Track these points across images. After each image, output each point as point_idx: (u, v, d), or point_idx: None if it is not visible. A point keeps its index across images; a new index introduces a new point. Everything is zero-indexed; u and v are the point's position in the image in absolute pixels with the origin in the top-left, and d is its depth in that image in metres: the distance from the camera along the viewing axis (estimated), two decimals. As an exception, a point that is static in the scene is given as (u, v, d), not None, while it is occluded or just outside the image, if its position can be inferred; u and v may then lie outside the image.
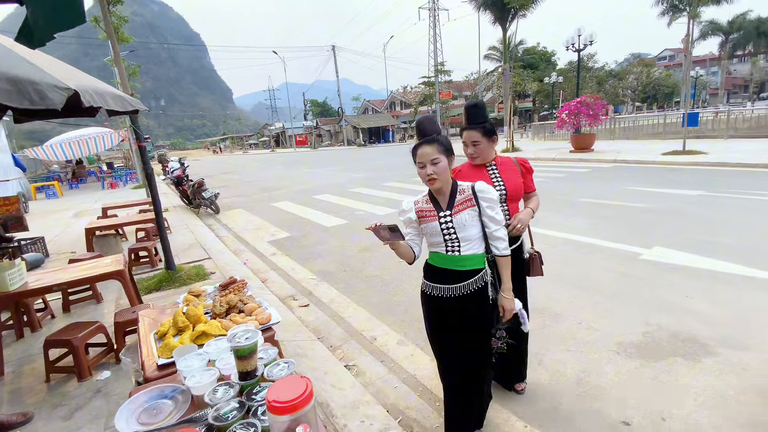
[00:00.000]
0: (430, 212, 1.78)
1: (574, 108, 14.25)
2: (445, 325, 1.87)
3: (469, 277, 1.77)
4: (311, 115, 72.21)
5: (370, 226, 1.67)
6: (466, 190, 1.78)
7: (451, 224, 1.75)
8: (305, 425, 0.97)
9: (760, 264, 3.88)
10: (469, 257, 1.76)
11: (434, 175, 1.69)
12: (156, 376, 1.69)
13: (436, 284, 1.83)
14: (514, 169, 2.20)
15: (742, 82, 57.50)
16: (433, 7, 50.14)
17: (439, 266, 1.82)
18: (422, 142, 1.72)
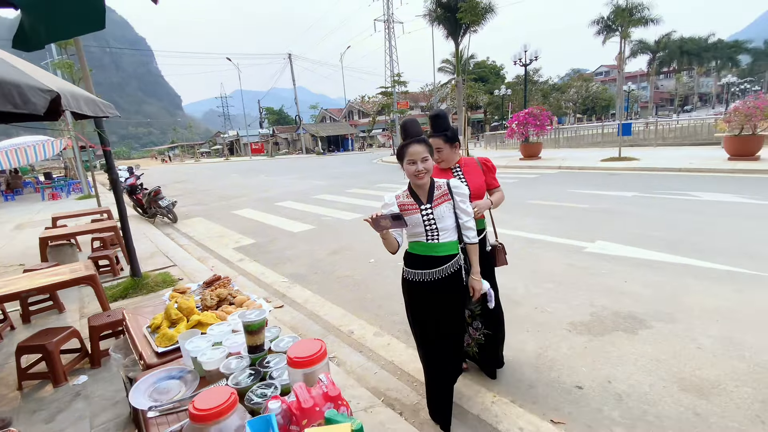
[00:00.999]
0: (411, 206, 1.98)
1: (522, 119, 15.25)
2: (426, 308, 2.07)
3: (446, 261, 1.99)
4: (267, 122, 70.89)
5: (368, 218, 1.81)
6: (443, 186, 2.01)
7: (431, 216, 1.95)
8: (326, 373, 1.14)
9: (683, 252, 4.47)
10: (446, 244, 1.99)
11: (423, 171, 1.89)
12: (156, 363, 1.77)
13: (418, 270, 2.03)
14: (477, 169, 2.43)
15: (668, 96, 63.67)
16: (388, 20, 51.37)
17: (420, 254, 2.02)
18: (412, 142, 1.90)
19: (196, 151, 65.15)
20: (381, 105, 42.73)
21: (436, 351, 2.12)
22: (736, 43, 61.49)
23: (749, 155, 10.19)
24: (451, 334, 2.11)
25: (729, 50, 57.78)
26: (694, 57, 51.99)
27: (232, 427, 1.04)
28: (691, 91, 65.30)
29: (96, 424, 2.22)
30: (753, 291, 3.46)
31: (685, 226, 5.50)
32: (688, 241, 4.87)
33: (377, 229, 1.82)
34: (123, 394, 2.47)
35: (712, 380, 2.40)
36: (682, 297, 3.48)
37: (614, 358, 2.70)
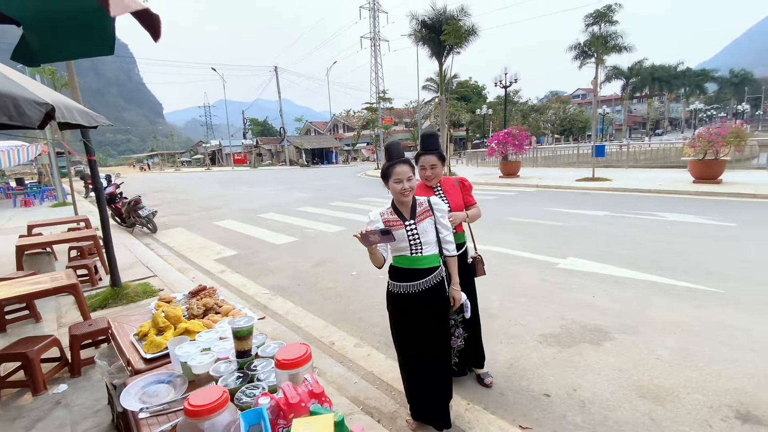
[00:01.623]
0: (396, 222, 2.10)
1: (502, 138, 15.75)
2: (411, 318, 2.17)
3: (429, 273, 2.13)
4: (251, 133, 70.54)
5: (357, 234, 1.92)
6: (424, 203, 2.16)
7: (415, 231, 2.09)
8: (311, 373, 1.25)
9: (648, 269, 4.75)
10: (428, 257, 2.12)
11: (408, 189, 2.03)
12: (144, 369, 1.83)
13: (403, 283, 2.14)
14: (456, 187, 2.62)
15: (641, 120, 66.56)
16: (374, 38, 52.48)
17: (405, 267, 2.14)
18: (398, 162, 2.03)
19: (176, 160, 64.11)
20: (366, 120, 43.29)
21: (420, 359, 2.20)
22: (703, 71, 65.13)
23: (712, 179, 10.82)
24: (435, 342, 2.21)
25: (697, 78, 61.11)
26: (664, 83, 54.65)
27: (223, 423, 1.14)
28: (662, 116, 68.45)
29: (81, 429, 2.23)
30: (709, 306, 3.73)
31: (650, 245, 5.83)
32: (653, 259, 5.17)
33: (366, 244, 1.93)
34: (104, 402, 2.49)
35: (668, 388, 2.59)
36: (645, 311, 3.71)
37: (580, 368, 2.87)
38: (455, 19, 25.87)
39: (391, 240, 1.95)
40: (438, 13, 29.96)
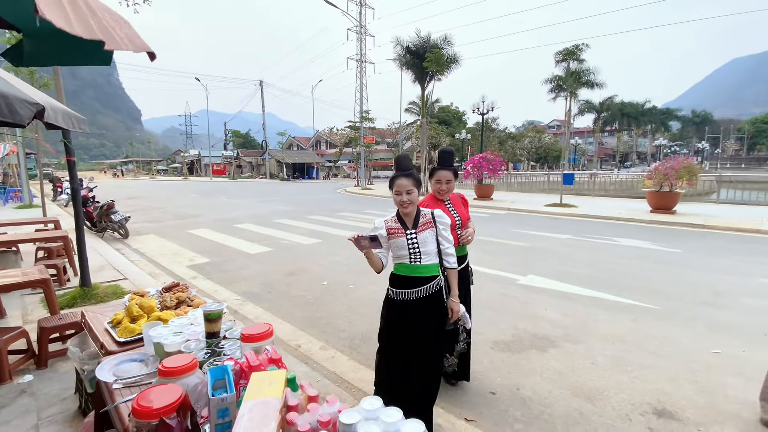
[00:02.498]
0: (398, 230, 2.19)
1: (477, 162, 16.40)
2: (404, 326, 2.22)
3: (427, 282, 2.19)
4: (232, 145, 70.01)
5: (351, 237, 2.03)
6: (427, 215, 2.23)
7: (415, 240, 2.17)
8: (271, 346, 1.46)
9: (598, 287, 5.14)
10: (427, 266, 2.19)
11: (408, 202, 2.12)
12: (117, 351, 1.98)
13: (402, 290, 2.22)
14: (460, 203, 2.86)
15: (611, 152, 69.85)
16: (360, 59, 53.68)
17: (404, 274, 2.21)
18: (401, 175, 2.14)
19: (152, 168, 62.72)
20: (349, 138, 43.85)
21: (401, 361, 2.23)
22: (668, 110, 69.51)
23: (667, 209, 11.61)
24: (423, 348, 2.24)
25: (662, 116, 65.12)
26: (632, 119, 57.93)
27: (193, 383, 1.33)
28: (630, 149, 72.13)
29: (43, 417, 2.32)
30: (644, 320, 4.10)
31: (603, 266, 6.26)
32: (604, 278, 5.58)
33: (358, 247, 2.04)
34: (71, 391, 2.58)
35: (599, 388, 2.89)
36: (589, 323, 4.04)
37: (525, 371, 3.14)
38: (438, 48, 26.94)
39: (378, 246, 2.04)
40: (422, 41, 31.12)
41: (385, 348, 2.37)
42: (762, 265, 6.39)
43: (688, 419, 2.56)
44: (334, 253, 7.52)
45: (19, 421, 2.27)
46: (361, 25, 52.65)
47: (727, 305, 4.56)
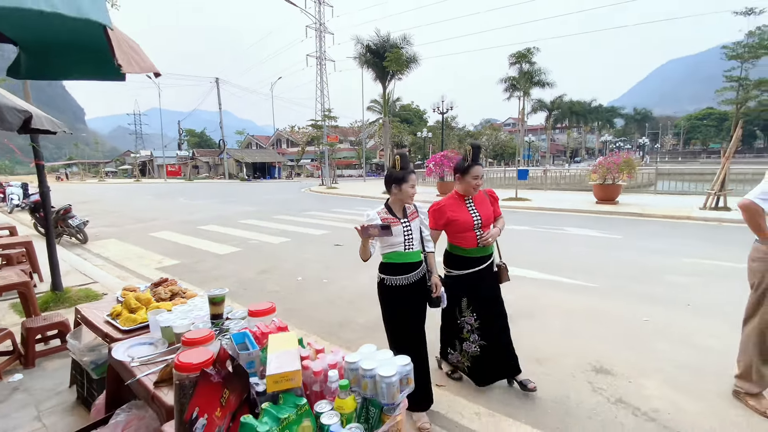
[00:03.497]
0: (393, 220, 2.38)
1: (439, 160, 17.01)
2: (404, 307, 2.44)
3: (417, 267, 2.44)
4: (187, 144, 67.32)
5: (357, 226, 2.21)
6: (411, 206, 2.50)
7: (409, 228, 2.41)
8: (277, 318, 1.73)
9: (550, 271, 5.71)
10: (416, 252, 2.44)
11: (413, 194, 2.39)
12: (121, 338, 2.15)
13: (396, 276, 2.40)
14: (485, 200, 2.80)
15: (562, 148, 73.80)
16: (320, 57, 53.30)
17: (398, 262, 2.40)
18: (411, 171, 2.40)
19: (101, 170, 59.07)
20: (311, 136, 43.58)
21: (411, 341, 2.45)
22: (612, 108, 74.30)
23: (610, 200, 12.69)
24: (422, 325, 2.53)
25: (607, 114, 69.57)
26: (581, 117, 61.53)
27: (214, 350, 1.58)
28: (579, 145, 76.49)
29: (42, 409, 2.43)
30: (589, 297, 4.67)
31: (555, 253, 6.90)
32: (555, 263, 6.18)
33: (364, 236, 2.22)
34: (65, 386, 2.69)
35: (549, 354, 3.35)
36: (542, 301, 4.55)
37: (487, 344, 3.55)
38: (397, 47, 27.41)
39: (389, 234, 2.22)
40: (382, 40, 31.48)
41: (395, 336, 2.47)
42: (689, 247, 7.27)
43: (621, 374, 3.06)
44: (304, 250, 7.72)
45: (18, 414, 2.37)
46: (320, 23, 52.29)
47: (656, 281, 5.25)
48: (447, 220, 2.73)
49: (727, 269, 5.64)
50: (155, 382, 1.66)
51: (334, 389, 1.28)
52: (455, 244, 2.78)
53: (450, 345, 2.93)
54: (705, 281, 5.23)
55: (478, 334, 2.74)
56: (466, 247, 2.74)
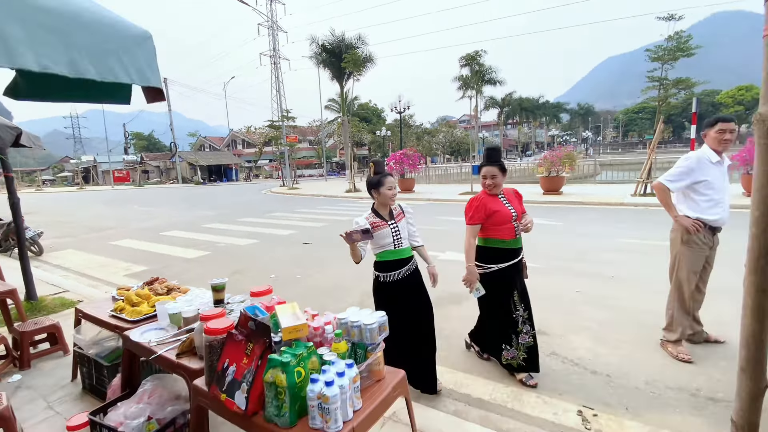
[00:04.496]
0: (380, 223, 2.57)
1: (398, 158, 17.64)
2: (398, 301, 2.61)
3: (408, 262, 2.65)
4: (134, 148, 63.91)
5: (342, 233, 2.37)
6: (397, 207, 2.69)
7: (396, 228, 2.60)
8: (278, 296, 2.13)
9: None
10: (405, 249, 2.65)
11: (393, 197, 2.60)
12: (130, 328, 2.46)
13: (389, 273, 2.59)
14: (513, 197, 2.99)
15: (514, 143, 77.24)
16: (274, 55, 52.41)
17: (390, 259, 2.59)
18: (387, 174, 2.60)
19: (37, 179, 54.76)
20: (269, 137, 42.89)
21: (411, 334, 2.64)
22: (558, 104, 78.66)
23: (555, 191, 13.86)
24: (420, 316, 2.71)
25: (553, 109, 73.63)
26: (530, 113, 64.79)
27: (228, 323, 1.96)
28: (530, 139, 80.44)
29: (51, 400, 2.66)
30: (532, 276, 5.34)
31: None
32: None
33: (349, 241, 2.38)
34: (67, 380, 2.91)
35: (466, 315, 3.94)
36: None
37: (446, 318, 4.11)
38: (353, 48, 27.75)
39: (369, 238, 2.42)
40: (337, 40, 31.68)
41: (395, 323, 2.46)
42: (620, 229, 8.28)
43: (555, 334, 3.71)
44: (273, 250, 7.99)
45: (28, 407, 2.59)
46: (273, 21, 51.40)
47: (590, 260, 6.06)
48: (489, 212, 2.84)
49: (650, 246, 6.58)
50: (177, 354, 2.02)
51: (330, 338, 1.73)
52: (493, 237, 2.88)
53: (506, 341, 2.92)
54: (630, 257, 6.12)
55: (529, 324, 2.86)
56: (505, 238, 2.86)
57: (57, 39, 1.11)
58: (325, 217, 12.69)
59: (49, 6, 1.10)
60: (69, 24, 1.14)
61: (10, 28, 1.00)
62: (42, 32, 1.07)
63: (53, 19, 1.10)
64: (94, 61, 1.25)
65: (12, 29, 1.00)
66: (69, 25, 1.14)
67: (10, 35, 1.00)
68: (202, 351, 1.96)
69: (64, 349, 3.33)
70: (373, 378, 1.69)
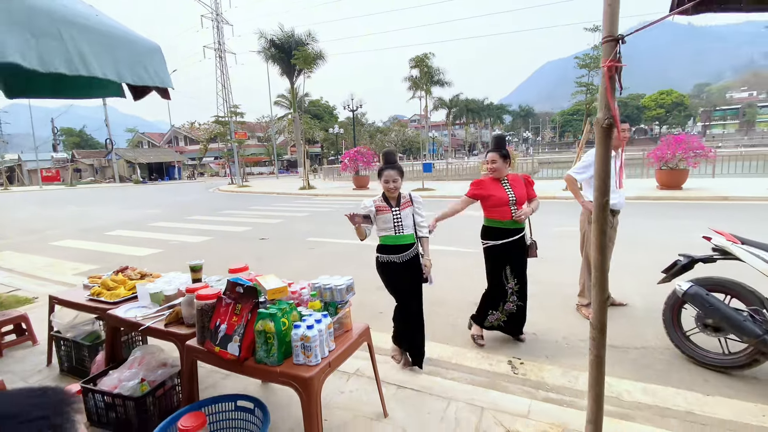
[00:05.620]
0: (385, 208, 2.76)
1: (352, 155, 17.99)
2: (398, 279, 2.85)
3: (408, 248, 2.80)
4: (63, 146, 58.72)
5: (347, 214, 2.63)
6: (407, 196, 2.84)
7: (399, 215, 2.75)
8: (254, 272, 2.45)
9: (448, 244, 7.00)
10: (407, 236, 2.79)
11: (393, 188, 2.74)
12: (111, 309, 2.65)
13: (389, 255, 2.78)
14: (521, 182, 3.24)
15: (462, 143, 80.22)
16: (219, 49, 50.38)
17: (390, 244, 2.78)
18: (388, 168, 2.71)
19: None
20: (215, 133, 41.30)
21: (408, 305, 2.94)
22: (501, 106, 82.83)
23: (499, 186, 14.91)
24: (413, 296, 2.94)
25: (497, 111, 77.42)
26: (475, 114, 67.64)
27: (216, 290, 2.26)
28: (476, 139, 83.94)
29: (31, 382, 2.78)
30: (472, 259, 5.98)
31: (453, 230, 8.29)
32: (451, 238, 7.52)
33: (352, 222, 2.65)
34: (43, 365, 3.01)
35: (441, 298, 4.48)
36: (440, 264, 5.71)
37: (401, 299, 4.57)
38: (304, 44, 27.61)
39: (369, 223, 2.67)
40: (286, 35, 31.31)
41: (398, 299, 2.91)
42: (553, 219, 9.25)
43: (493, 306, 4.30)
44: (230, 246, 8.06)
45: (11, 386, 2.70)
46: (217, 13, 49.40)
47: (525, 245, 6.82)
48: (484, 194, 3.21)
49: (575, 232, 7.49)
50: (165, 324, 2.28)
51: (306, 300, 2.10)
52: (492, 218, 3.24)
53: (492, 307, 3.30)
54: (560, 242, 6.97)
55: (517, 295, 3.21)
56: (502, 219, 3.18)
57: (109, 55, 1.41)
58: (282, 214, 12.76)
59: (101, 30, 1.40)
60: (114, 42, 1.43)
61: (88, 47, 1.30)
62: (102, 50, 1.37)
63: (106, 39, 1.41)
64: (129, 70, 1.54)
65: (85, 47, 1.29)
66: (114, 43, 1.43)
67: (90, 52, 1.31)
68: (190, 320, 2.26)
69: (33, 339, 3.39)
70: (343, 328, 2.09)
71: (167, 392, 2.32)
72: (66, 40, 1.23)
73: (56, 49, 1.21)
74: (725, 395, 2.54)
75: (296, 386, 1.70)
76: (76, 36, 1.26)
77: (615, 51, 1.21)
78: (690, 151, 11.37)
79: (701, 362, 2.83)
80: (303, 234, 8.93)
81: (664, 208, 9.98)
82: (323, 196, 17.46)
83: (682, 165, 11.72)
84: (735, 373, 2.73)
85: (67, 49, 1.23)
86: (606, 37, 1.22)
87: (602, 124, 1.28)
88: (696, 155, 11.39)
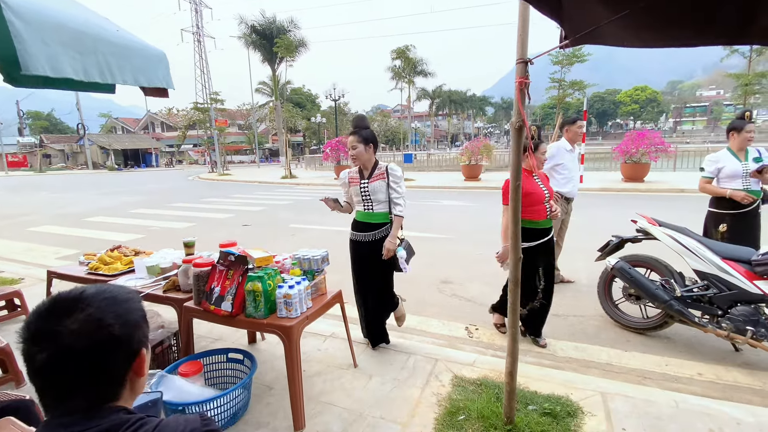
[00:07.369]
0: (355, 179, 2.61)
1: (334, 145, 18.19)
2: (364, 262, 2.69)
3: (378, 227, 2.61)
4: (30, 130, 56.40)
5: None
6: (382, 168, 2.56)
7: (367, 189, 2.53)
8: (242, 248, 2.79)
9: (425, 230, 7.42)
10: (378, 213, 2.59)
11: (354, 155, 2.53)
12: (109, 281, 2.95)
13: (359, 233, 2.64)
14: (544, 175, 3.22)
15: (444, 134, 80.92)
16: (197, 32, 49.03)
17: (361, 220, 2.63)
18: (348, 133, 2.53)
19: None
20: (193, 120, 40.49)
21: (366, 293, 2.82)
22: (484, 98, 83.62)
23: (474, 177, 15.48)
24: (379, 277, 2.74)
25: (480, 102, 78.22)
26: (458, 105, 68.21)
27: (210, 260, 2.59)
28: (459, 131, 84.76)
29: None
30: (447, 244, 6.45)
31: (431, 219, 8.75)
32: (429, 226, 7.98)
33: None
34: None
35: (415, 276, 4.89)
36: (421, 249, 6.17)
37: (375, 278, 4.97)
38: (286, 31, 27.35)
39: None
40: (268, 21, 30.86)
41: (356, 283, 2.77)
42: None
43: (457, 283, 4.75)
44: (213, 231, 8.29)
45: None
46: (195, -5, 47.96)
47: (494, 231, 7.31)
48: (524, 193, 2.66)
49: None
50: (164, 291, 2.61)
51: (288, 268, 2.46)
52: (526, 218, 2.79)
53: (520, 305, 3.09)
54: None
55: (543, 294, 2.96)
56: (537, 219, 2.90)
57: (129, 64, 1.70)
58: (264, 202, 12.96)
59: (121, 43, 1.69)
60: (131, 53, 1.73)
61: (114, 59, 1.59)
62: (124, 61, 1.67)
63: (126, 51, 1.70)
64: (144, 75, 1.83)
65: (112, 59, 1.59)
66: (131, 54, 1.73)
67: (115, 63, 1.60)
68: (185, 287, 2.60)
69: (27, 312, 3.63)
70: (319, 292, 2.47)
71: (165, 350, 2.65)
72: (99, 54, 1.50)
73: (94, 62, 1.49)
74: (640, 351, 3.05)
75: (280, 334, 2.07)
76: (105, 50, 1.54)
77: (525, 70, 1.59)
78: (652, 146, 12.13)
79: (626, 326, 3.35)
80: (285, 221, 9.22)
81: (626, 199, 10.68)
82: (305, 185, 17.64)
83: (644, 159, 12.49)
84: (651, 334, 3.25)
85: (99, 62, 1.51)
86: (518, 59, 1.60)
87: (515, 126, 1.68)
88: (657, 150, 12.16)
